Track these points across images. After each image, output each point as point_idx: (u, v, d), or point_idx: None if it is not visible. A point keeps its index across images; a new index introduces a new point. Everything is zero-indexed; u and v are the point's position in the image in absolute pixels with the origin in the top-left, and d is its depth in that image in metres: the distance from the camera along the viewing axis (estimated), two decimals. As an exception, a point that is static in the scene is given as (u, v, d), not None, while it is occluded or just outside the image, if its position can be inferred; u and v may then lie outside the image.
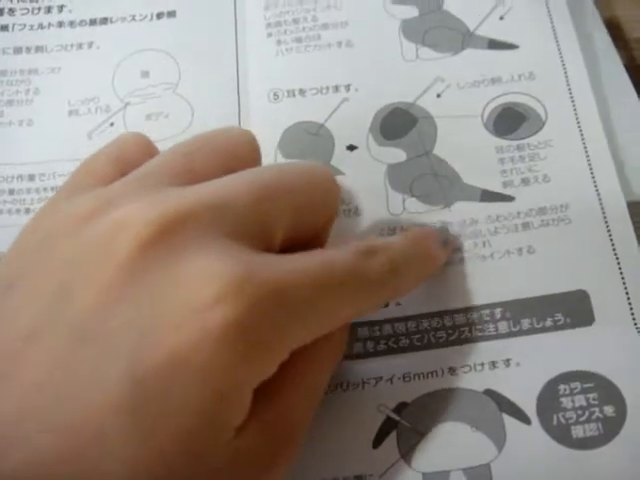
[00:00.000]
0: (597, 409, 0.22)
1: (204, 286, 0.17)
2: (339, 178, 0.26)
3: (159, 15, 0.31)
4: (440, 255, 0.24)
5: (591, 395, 0.22)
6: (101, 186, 0.20)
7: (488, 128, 0.28)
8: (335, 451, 0.23)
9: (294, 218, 0.20)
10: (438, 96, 0.28)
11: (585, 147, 0.27)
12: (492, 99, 0.28)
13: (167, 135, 0.28)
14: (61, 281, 0.18)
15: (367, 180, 0.27)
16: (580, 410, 0.22)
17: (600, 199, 0.26)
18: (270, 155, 0.28)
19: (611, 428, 0.22)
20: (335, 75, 0.29)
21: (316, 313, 0.19)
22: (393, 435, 0.23)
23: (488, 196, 0.26)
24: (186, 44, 0.30)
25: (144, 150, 0.22)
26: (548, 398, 0.22)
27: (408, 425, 0.23)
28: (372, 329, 0.25)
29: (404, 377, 0.24)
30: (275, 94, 0.29)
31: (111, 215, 0.18)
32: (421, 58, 0.29)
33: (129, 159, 0.22)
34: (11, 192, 0.28)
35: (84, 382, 0.16)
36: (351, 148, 0.28)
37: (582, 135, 0.27)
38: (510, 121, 0.28)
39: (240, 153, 0.22)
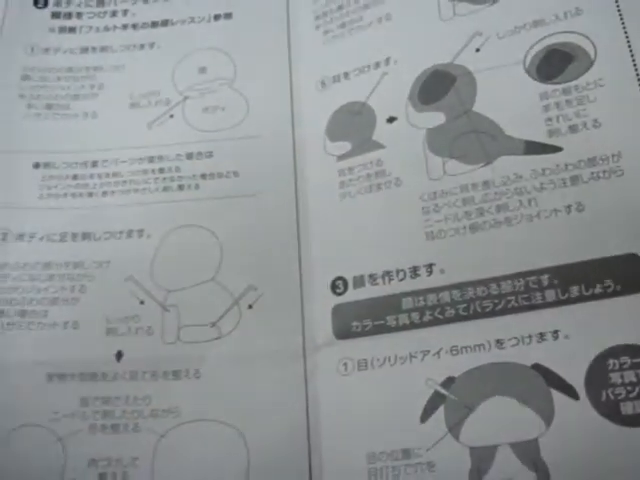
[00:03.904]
0: (647, 385, 0.22)
1: None
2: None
3: (216, 17, 0.33)
4: None
5: (641, 371, 0.22)
6: None
7: (531, 74, 0.26)
8: (383, 425, 0.24)
9: None
10: (477, 50, 0.27)
11: None
12: (535, 43, 0.27)
13: (223, 126, 0.30)
14: None
15: (406, 149, 0.27)
16: (630, 386, 0.22)
17: None
18: (319, 141, 0.29)
19: (661, 405, 0.21)
20: (376, 51, 0.29)
21: None
22: (441, 409, 0.23)
23: (533, 148, 0.25)
24: (241, 43, 0.32)
25: None
26: (597, 373, 0.22)
27: (456, 399, 0.23)
28: (416, 299, 0.25)
29: (451, 350, 0.24)
30: (322, 82, 0.30)
31: None
32: (458, 14, 0.29)
33: None
34: (75, 177, 0.30)
35: None
36: (391, 120, 0.28)
37: (637, 72, 0.24)
38: (555, 63, 0.26)
39: None
